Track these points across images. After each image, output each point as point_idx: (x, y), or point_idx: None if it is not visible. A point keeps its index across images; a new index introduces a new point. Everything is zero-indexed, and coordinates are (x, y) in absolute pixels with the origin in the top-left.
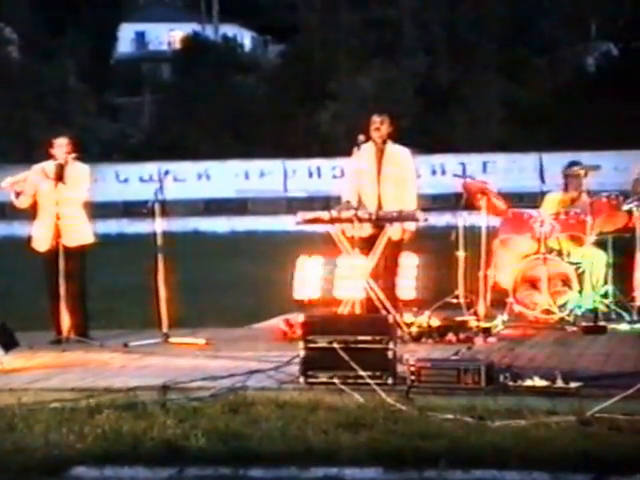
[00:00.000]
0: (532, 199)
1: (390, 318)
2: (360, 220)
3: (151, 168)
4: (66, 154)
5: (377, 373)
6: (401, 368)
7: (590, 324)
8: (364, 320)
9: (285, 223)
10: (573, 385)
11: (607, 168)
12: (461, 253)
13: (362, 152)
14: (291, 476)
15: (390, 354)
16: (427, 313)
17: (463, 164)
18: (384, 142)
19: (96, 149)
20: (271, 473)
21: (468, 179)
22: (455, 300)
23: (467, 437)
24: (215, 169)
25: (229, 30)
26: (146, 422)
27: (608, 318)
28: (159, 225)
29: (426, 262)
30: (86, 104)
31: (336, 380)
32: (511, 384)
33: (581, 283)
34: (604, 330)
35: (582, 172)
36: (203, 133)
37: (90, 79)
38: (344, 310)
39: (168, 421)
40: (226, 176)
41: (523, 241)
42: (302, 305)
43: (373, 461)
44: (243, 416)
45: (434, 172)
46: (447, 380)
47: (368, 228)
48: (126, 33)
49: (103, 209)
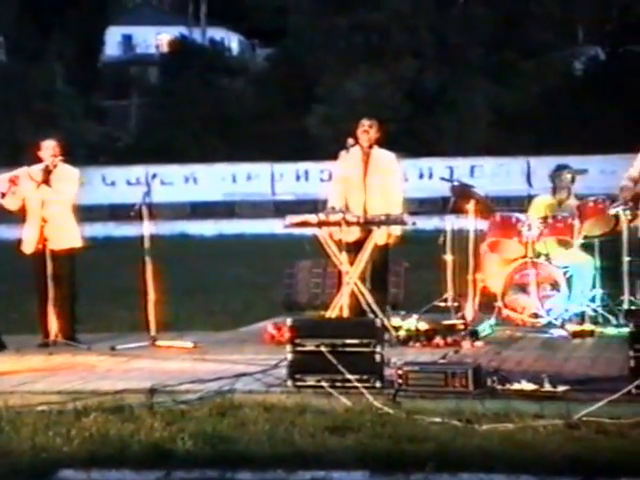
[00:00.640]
0: (520, 203)
1: (378, 322)
2: (348, 223)
3: (138, 171)
4: (53, 157)
5: (364, 376)
6: (389, 371)
7: (577, 328)
8: (352, 323)
9: (272, 226)
10: (560, 389)
11: (594, 172)
12: (449, 257)
13: (348, 157)
14: (278, 479)
15: (378, 357)
16: (415, 316)
17: (451, 168)
18: (370, 147)
19: (83, 152)
20: (258, 476)
21: (455, 182)
22: (443, 304)
23: (454, 440)
24: (202, 172)
25: (216, 33)
26: (133, 425)
27: (595, 322)
28: (146, 228)
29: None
30: (73, 107)
31: (324, 383)
32: (499, 387)
33: (569, 287)
34: (591, 334)
35: (569, 176)
36: (190, 136)
37: (77, 82)
38: (332, 313)
39: (155, 424)
40: (213, 179)
41: (511, 245)
42: (290, 308)
43: (360, 464)
44: (230, 419)
45: (421, 176)
46: (434, 383)
47: (356, 232)
48: (113, 36)
49: (90, 212)
